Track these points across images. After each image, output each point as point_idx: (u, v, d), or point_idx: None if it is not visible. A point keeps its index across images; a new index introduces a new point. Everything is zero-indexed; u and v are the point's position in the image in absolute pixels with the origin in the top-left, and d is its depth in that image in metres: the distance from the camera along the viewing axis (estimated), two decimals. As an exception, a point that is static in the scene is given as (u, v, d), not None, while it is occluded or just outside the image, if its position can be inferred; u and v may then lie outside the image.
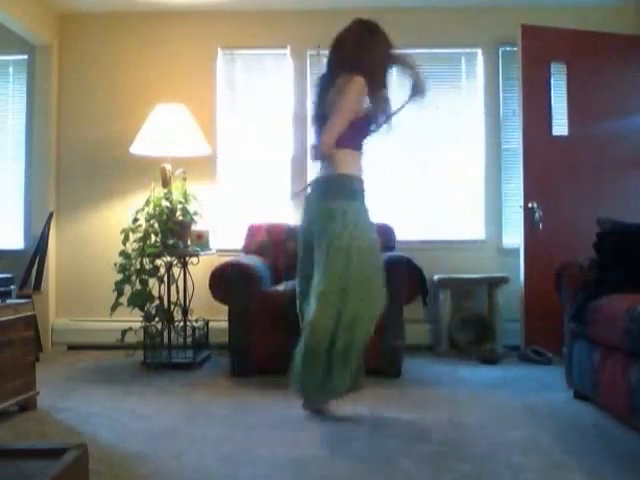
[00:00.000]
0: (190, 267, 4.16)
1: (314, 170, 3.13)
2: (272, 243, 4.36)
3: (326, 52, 3.10)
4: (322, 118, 2.90)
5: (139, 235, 4.01)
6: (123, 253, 3.98)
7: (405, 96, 3.01)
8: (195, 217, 4.15)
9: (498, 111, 4.78)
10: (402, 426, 2.74)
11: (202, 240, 4.14)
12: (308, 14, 4.68)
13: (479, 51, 4.80)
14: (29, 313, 3.01)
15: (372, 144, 3.08)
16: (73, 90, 4.85)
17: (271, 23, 4.76)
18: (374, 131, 3.03)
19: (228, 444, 2.52)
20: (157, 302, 4.03)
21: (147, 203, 4.05)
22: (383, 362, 3.66)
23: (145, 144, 4.22)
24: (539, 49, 4.34)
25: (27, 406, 2.95)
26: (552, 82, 4.42)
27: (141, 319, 3.99)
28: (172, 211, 4.04)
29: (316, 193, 2.91)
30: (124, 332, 3.96)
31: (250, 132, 4.85)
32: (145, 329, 3.97)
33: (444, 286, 4.47)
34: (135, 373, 3.85)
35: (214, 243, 4.34)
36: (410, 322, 4.15)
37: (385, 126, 3.03)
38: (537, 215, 4.28)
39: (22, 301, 3.06)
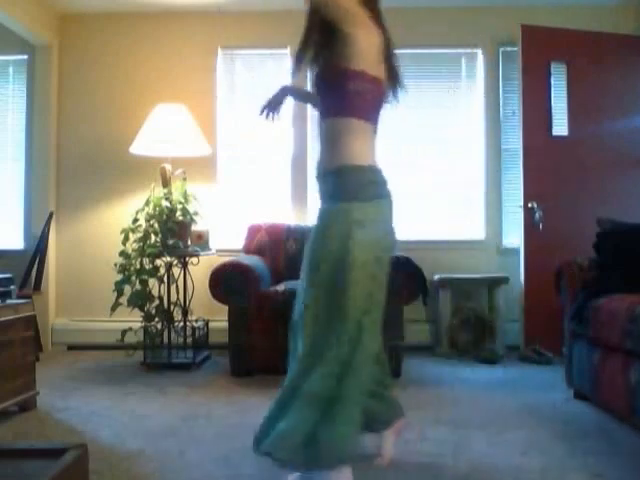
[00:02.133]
0: (190, 267, 4.16)
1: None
2: (272, 243, 4.36)
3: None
4: None
5: (139, 235, 4.01)
6: (123, 253, 3.98)
7: None
8: (195, 217, 4.15)
9: (498, 111, 4.78)
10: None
11: (202, 240, 4.14)
12: (308, 14, 4.67)
13: (479, 51, 4.80)
14: (29, 313, 3.01)
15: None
16: (73, 90, 4.85)
17: (271, 23, 4.76)
18: None
19: (228, 444, 2.52)
20: (157, 302, 4.03)
21: (147, 203, 4.05)
22: (383, 362, 3.66)
23: (145, 144, 4.22)
24: (539, 49, 4.34)
25: (27, 406, 2.95)
26: (552, 82, 4.42)
27: (141, 319, 3.99)
28: (172, 211, 4.04)
29: None
30: (124, 332, 3.96)
31: (250, 132, 4.85)
32: (145, 329, 3.97)
33: (444, 286, 4.47)
34: (135, 373, 3.84)
35: (214, 243, 4.34)
36: (410, 322, 4.16)
37: None
38: (537, 215, 4.28)
39: (22, 301, 3.06)
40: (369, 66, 2.03)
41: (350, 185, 2.03)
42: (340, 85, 2.04)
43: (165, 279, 4.04)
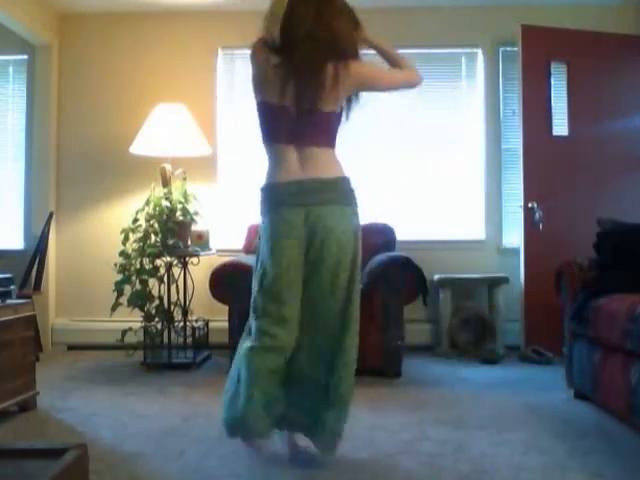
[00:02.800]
0: (190, 267, 4.16)
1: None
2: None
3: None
4: None
5: (139, 235, 4.01)
6: (123, 253, 3.98)
7: None
8: (195, 217, 4.15)
9: (498, 111, 4.78)
10: (402, 426, 2.74)
11: (202, 240, 4.14)
12: (308, 14, 4.66)
13: (479, 51, 4.80)
14: (29, 313, 3.01)
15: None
16: (73, 90, 4.85)
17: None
18: None
19: (228, 444, 2.52)
20: (157, 302, 4.03)
21: (147, 203, 4.05)
22: (383, 362, 3.66)
23: (145, 144, 4.22)
24: (539, 49, 4.34)
25: (27, 406, 2.95)
26: (552, 82, 4.42)
27: (141, 319, 3.99)
28: (172, 211, 4.04)
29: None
30: (124, 332, 3.96)
31: (250, 132, 4.83)
32: (145, 329, 3.97)
33: (444, 286, 4.47)
34: (135, 373, 3.84)
35: (214, 243, 4.34)
36: (410, 322, 4.16)
37: None
38: (537, 215, 4.28)
39: (22, 301, 3.06)
40: (267, 94, 2.27)
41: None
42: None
43: (165, 279, 4.04)
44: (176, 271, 4.13)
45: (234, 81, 4.89)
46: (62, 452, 1.52)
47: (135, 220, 4.04)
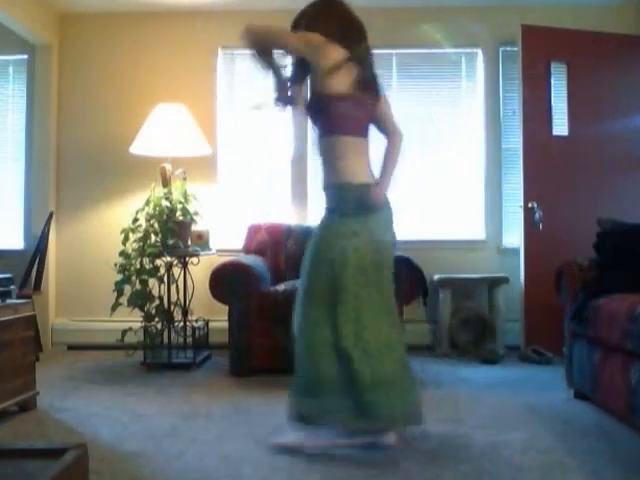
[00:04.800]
0: (190, 267, 4.16)
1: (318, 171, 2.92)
2: (272, 243, 4.36)
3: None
4: None
5: (139, 235, 4.01)
6: (123, 253, 3.98)
7: None
8: (195, 217, 4.15)
9: (498, 111, 4.78)
10: (402, 426, 2.73)
11: (202, 240, 4.14)
12: (308, 14, 4.66)
13: (479, 51, 4.80)
14: (29, 313, 3.01)
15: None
16: (73, 90, 4.85)
17: (271, 23, 4.74)
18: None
19: (228, 444, 2.52)
20: (157, 302, 4.03)
21: (147, 203, 4.05)
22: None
23: (145, 144, 4.22)
24: (539, 49, 4.34)
25: (27, 406, 2.95)
26: (552, 82, 4.42)
27: (141, 319, 3.99)
28: (172, 211, 4.04)
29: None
30: (124, 332, 3.96)
31: (250, 132, 4.85)
32: (145, 329, 3.97)
33: (444, 286, 4.47)
34: (135, 373, 3.84)
35: (214, 243, 4.34)
36: (410, 322, 4.16)
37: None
38: (537, 215, 4.28)
39: (22, 301, 3.06)
40: None
41: None
42: None
43: (165, 279, 4.04)
44: (176, 271, 4.13)
45: (234, 81, 4.89)
46: (62, 452, 1.53)
47: (135, 220, 4.04)
